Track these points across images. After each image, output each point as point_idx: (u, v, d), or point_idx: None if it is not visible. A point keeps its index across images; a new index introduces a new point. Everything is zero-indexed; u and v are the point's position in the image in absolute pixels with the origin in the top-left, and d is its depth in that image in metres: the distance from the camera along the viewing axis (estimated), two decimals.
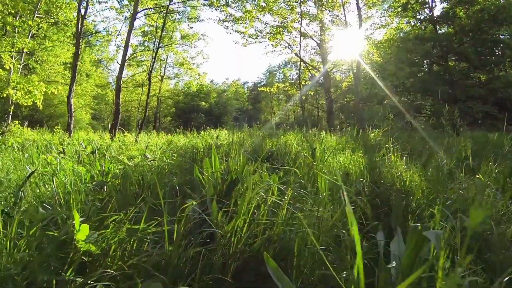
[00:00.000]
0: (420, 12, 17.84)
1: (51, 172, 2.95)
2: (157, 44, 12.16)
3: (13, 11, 9.83)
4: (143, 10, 9.75)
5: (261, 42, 15.61)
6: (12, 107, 9.37)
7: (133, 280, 1.11)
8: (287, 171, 2.42)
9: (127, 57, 9.52)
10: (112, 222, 1.23)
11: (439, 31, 17.22)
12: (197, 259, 1.23)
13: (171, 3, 10.61)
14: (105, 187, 3.19)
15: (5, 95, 7.28)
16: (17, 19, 9.95)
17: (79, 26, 7.80)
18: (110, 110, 26.22)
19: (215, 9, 14.57)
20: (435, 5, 17.95)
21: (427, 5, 17.52)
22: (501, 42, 16.13)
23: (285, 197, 1.40)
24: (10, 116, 10.17)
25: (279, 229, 1.34)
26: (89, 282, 1.05)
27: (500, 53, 16.76)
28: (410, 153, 2.81)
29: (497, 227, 1.49)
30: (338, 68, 17.58)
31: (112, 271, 1.11)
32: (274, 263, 1.07)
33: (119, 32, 12.35)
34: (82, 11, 8.10)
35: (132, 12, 9.20)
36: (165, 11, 9.93)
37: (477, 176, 2.12)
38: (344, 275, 1.16)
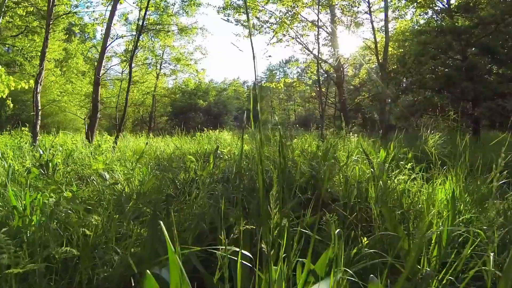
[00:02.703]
0: (434, 2, 16.53)
1: None
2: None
3: None
4: None
5: (267, 33, 14.19)
6: None
7: None
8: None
9: (109, 46, 8.18)
10: None
11: (456, 23, 15.92)
12: None
13: None
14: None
15: None
16: None
17: (50, 6, 6.47)
18: (104, 109, 24.67)
19: None
20: None
21: None
22: None
23: None
24: None
25: None
26: None
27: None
28: None
29: None
30: (350, 62, 16.09)
31: None
32: None
33: (104, 17, 10.96)
34: None
35: None
36: None
37: None
38: None
